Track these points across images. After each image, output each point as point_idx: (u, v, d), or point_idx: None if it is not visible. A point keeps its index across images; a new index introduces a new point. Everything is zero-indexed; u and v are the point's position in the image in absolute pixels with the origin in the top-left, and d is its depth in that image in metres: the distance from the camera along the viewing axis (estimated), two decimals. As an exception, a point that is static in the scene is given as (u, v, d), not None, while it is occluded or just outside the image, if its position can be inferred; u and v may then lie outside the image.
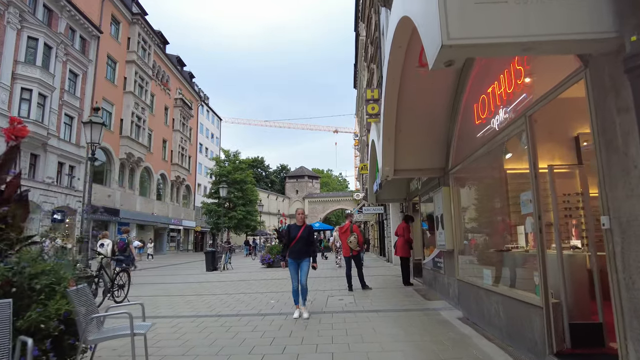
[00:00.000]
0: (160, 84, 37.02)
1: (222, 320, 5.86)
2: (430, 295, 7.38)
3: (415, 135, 6.18)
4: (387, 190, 10.44)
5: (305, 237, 6.05)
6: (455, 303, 6.15)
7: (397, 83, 5.33)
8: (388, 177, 6.66)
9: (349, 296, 7.62)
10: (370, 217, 28.08)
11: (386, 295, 7.64)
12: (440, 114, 5.97)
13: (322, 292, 8.38)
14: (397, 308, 6.27)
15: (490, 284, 4.61)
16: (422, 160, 6.52)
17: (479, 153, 5.21)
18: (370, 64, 22.48)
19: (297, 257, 6.02)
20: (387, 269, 13.83)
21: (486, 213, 5.60)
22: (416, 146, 6.35)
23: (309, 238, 6.10)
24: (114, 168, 28.77)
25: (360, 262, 8.56)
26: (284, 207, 69.27)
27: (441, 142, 6.27)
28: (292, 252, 6.03)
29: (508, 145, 4.63)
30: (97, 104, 17.27)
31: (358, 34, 31.11)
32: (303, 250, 6.02)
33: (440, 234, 6.46)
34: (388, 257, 17.60)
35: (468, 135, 5.66)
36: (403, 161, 6.43)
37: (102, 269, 7.26)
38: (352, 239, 8.30)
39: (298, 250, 6.00)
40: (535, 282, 3.40)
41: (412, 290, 8.23)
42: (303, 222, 6.21)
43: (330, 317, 5.80)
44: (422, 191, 8.58)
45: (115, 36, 29.50)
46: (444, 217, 6.22)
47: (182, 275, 14.04)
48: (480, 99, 5.02)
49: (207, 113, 52.37)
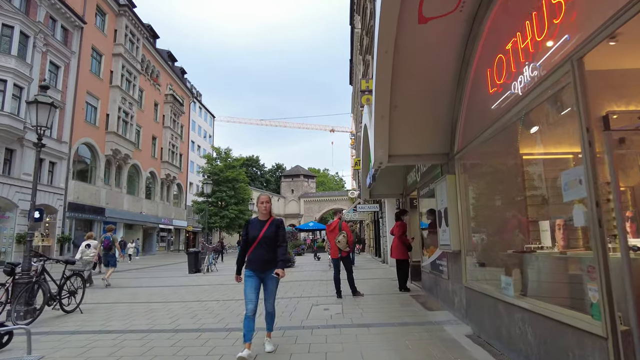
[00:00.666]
0: (150, 79, 35.81)
1: (177, 337, 4.77)
2: (430, 304, 6.33)
3: (413, 111, 5.12)
4: (382, 183, 9.38)
5: (271, 236, 4.02)
6: (462, 315, 5.09)
7: (392, 45, 4.27)
8: (382, 165, 5.60)
9: (337, 305, 6.55)
10: (366, 216, 27.02)
11: (380, 304, 6.57)
12: (444, 84, 4.91)
13: (306, 299, 7.31)
14: (392, 322, 5.20)
15: (513, 295, 3.55)
16: (421, 144, 5.46)
17: (493, 129, 4.17)
18: (366, 56, 21.50)
19: (259, 267, 3.96)
20: (382, 271, 12.77)
21: (502, 205, 4.56)
22: (415, 125, 5.29)
23: (277, 238, 4.07)
24: (99, 165, 27.57)
25: (350, 264, 7.48)
26: (279, 207, 68.14)
27: (445, 121, 5.21)
28: (252, 261, 3.99)
29: (535, 115, 3.58)
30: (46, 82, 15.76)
31: (353, 27, 30.08)
32: (268, 257, 3.99)
33: (444, 232, 5.41)
34: (383, 258, 16.55)
35: (479, 109, 4.61)
36: (399, 144, 5.37)
37: (43, 273, 6.14)
38: (341, 238, 7.24)
39: (260, 257, 3.97)
40: (592, 298, 2.34)
41: (409, 297, 7.17)
42: (269, 215, 4.18)
43: (310, 334, 4.73)
44: (420, 184, 7.52)
45: (101, 28, 28.29)
46: (448, 211, 5.16)
47: (161, 278, 12.93)
48: (496, 61, 3.97)
49: (200, 110, 51.18)
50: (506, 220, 4.46)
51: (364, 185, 10.05)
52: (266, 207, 4.15)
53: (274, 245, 4.06)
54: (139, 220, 32.22)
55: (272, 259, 4.02)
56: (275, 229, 4.10)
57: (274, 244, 4.06)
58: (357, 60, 29.80)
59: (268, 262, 4.00)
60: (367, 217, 26.52)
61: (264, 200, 4.18)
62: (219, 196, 36.28)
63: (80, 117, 25.23)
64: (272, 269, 3.96)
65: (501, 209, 4.59)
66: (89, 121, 26.43)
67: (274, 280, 4.03)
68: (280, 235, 4.14)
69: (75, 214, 24.53)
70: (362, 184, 10.13)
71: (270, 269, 3.97)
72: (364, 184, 10.03)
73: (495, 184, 4.75)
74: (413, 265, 8.95)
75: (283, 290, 8.51)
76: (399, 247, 7.90)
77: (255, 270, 3.99)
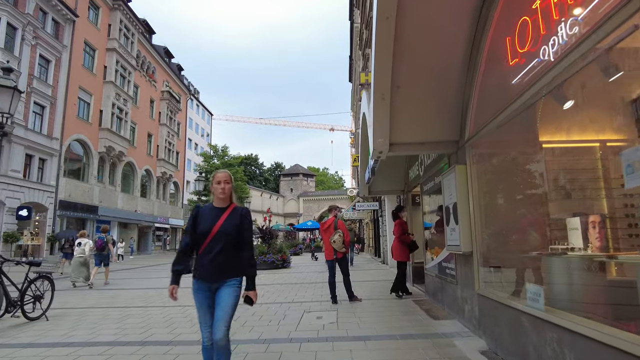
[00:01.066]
0: (146, 75, 35.13)
1: (142, 352, 4.10)
2: (436, 311, 5.66)
3: (418, 91, 4.45)
4: (381, 179, 8.71)
5: (231, 232, 2.74)
6: (473, 326, 4.42)
7: (393, 10, 3.60)
8: (381, 155, 4.92)
9: (331, 312, 5.88)
10: (365, 215, 26.36)
11: (379, 311, 5.91)
12: (454, 59, 4.24)
13: (298, 304, 6.64)
14: (393, 333, 4.52)
15: (543, 308, 2.88)
16: (427, 130, 4.79)
17: (513, 108, 3.51)
18: (365, 50, 20.88)
19: (211, 276, 2.71)
20: (381, 272, 12.11)
21: (522, 199, 3.90)
22: (420, 108, 4.61)
23: (239, 234, 2.78)
24: (92, 162, 26.89)
25: (346, 266, 6.79)
26: (278, 206, 67.51)
27: (455, 102, 4.54)
28: (201, 268, 2.72)
29: (569, 87, 2.91)
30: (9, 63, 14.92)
31: (353, 22, 29.46)
32: (225, 262, 2.72)
33: (452, 231, 4.74)
34: (383, 259, 15.90)
35: (495, 86, 3.95)
36: (402, 131, 4.69)
37: (1, 276, 5.47)
38: (336, 238, 6.56)
39: (213, 260, 2.69)
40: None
41: (412, 303, 6.50)
42: (229, 201, 2.86)
43: (297, 350, 4.05)
44: (424, 178, 6.84)
45: (94, 22, 27.60)
46: (458, 207, 4.49)
47: (149, 280, 12.26)
48: (519, 25, 3.31)
49: (197, 108, 50.49)
50: (527, 217, 3.80)
51: (362, 181, 9.38)
52: (224, 190, 2.76)
53: (234, 246, 2.73)
54: (133, 219, 31.54)
55: (230, 265, 2.71)
56: (239, 222, 2.76)
57: (235, 243, 2.74)
58: (356, 56, 29.15)
59: (224, 269, 2.69)
60: (367, 215, 25.87)
61: (221, 178, 2.77)
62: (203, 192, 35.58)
63: (72, 112, 24.55)
64: (231, 280, 2.71)
65: (521, 203, 3.93)
66: (81, 117, 25.76)
67: (231, 293, 2.67)
68: (244, 232, 2.79)
69: (67, 213, 23.85)
70: (361, 180, 9.47)
71: (228, 278, 2.71)
72: (362, 180, 9.37)
73: (513, 175, 4.09)
74: (416, 266, 8.29)
75: (273, 295, 7.84)
76: (397, 248, 7.24)
77: (206, 281, 2.69)
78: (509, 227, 4.13)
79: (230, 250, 2.72)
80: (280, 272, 13.33)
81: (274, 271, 13.65)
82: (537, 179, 3.73)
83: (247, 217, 2.87)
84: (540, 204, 3.64)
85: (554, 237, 3.49)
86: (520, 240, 3.94)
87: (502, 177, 4.39)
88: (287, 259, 15.24)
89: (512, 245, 4.05)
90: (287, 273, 12.80)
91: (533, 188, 3.80)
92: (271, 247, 14.94)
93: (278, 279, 10.87)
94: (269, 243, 15.05)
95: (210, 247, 2.69)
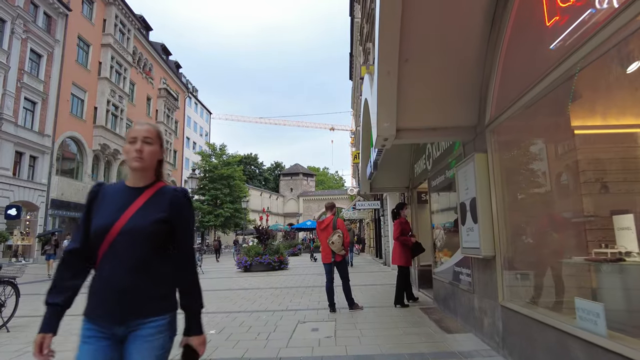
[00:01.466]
0: (142, 72, 34.46)
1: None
2: (448, 323, 4.98)
3: (430, 66, 3.77)
4: (384, 174, 8.03)
5: (151, 231, 1.47)
6: (495, 344, 3.74)
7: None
8: (387, 143, 4.24)
9: (329, 322, 5.20)
10: (366, 214, 25.67)
11: (383, 322, 5.22)
12: (473, 22, 3.57)
13: (292, 313, 5.95)
14: (401, 352, 3.83)
15: (603, 333, 2.20)
16: (440, 113, 4.11)
17: (548, 82, 2.83)
18: (366, 44, 20.23)
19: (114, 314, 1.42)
20: (384, 275, 11.42)
21: (558, 192, 3.23)
22: (432, 87, 3.93)
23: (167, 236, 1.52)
24: (87, 160, 26.23)
25: (346, 270, 6.08)
26: (278, 206, 66.87)
27: (473, 80, 3.87)
28: (96, 296, 1.45)
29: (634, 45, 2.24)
30: None
31: (353, 18, 28.80)
32: (136, 285, 1.43)
33: (469, 231, 4.06)
34: (385, 260, 15.22)
35: (526, 55, 3.27)
36: (410, 114, 4.01)
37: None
38: (336, 239, 5.86)
39: (116, 284, 1.42)
40: None
41: (419, 311, 5.81)
42: (153, 177, 1.60)
43: (285, 374, 3.38)
44: (432, 172, 6.16)
45: (88, 16, 26.92)
46: (478, 202, 3.81)
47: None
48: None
49: (196, 106, 49.83)
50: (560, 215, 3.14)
51: (363, 178, 8.70)
52: (143, 154, 1.52)
53: (158, 257, 1.51)
54: (129, 219, 30.82)
55: (147, 292, 1.46)
56: (166, 215, 1.52)
57: (159, 251, 1.51)
58: (357, 52, 28.47)
59: (137, 300, 1.44)
60: (367, 215, 25.19)
61: (138, 134, 1.54)
62: (213, 194, 35.00)
63: (65, 109, 23.88)
64: (151, 320, 1.45)
65: (556, 197, 3.26)
66: (74, 114, 25.09)
67: (150, 351, 1.43)
68: (179, 233, 1.56)
69: (59, 212, 23.19)
70: (362, 177, 8.78)
71: (144, 317, 1.45)
72: (363, 177, 8.69)
73: (543, 165, 3.41)
74: (422, 270, 7.61)
75: (266, 301, 7.17)
76: (397, 251, 6.33)
77: (104, 322, 1.44)
78: (539, 226, 3.46)
79: (148, 265, 1.47)
80: (277, 274, 12.66)
81: (270, 273, 12.98)
82: (572, 169, 3.08)
83: (184, 205, 1.59)
84: (577, 199, 2.98)
85: (596, 238, 2.84)
86: (554, 242, 3.27)
87: (530, 168, 3.72)
88: (285, 260, 14.57)
89: (544, 248, 3.38)
90: (284, 275, 12.13)
91: (570, 180, 3.14)
92: (267, 247, 14.26)
93: (273, 282, 10.19)
94: (266, 244, 14.37)
95: (110, 259, 1.44)
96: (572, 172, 3.09)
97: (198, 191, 35.67)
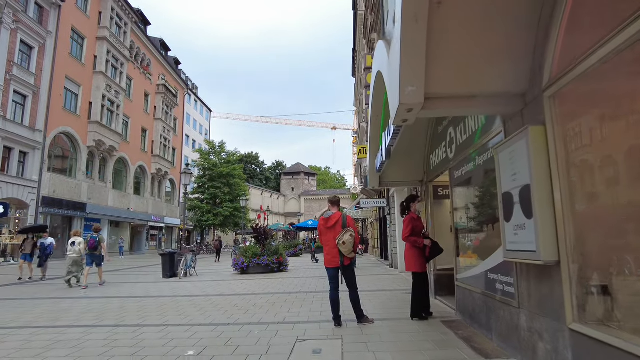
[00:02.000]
0: (140, 67, 33.63)
1: None
2: (481, 342, 4.04)
3: (470, 11, 2.84)
4: (395, 166, 7.09)
5: None
6: (559, 379, 2.80)
7: None
8: (410, 116, 3.30)
9: (334, 341, 4.26)
10: (369, 214, 24.71)
11: (401, 340, 4.28)
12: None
13: (290, 326, 5.01)
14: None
15: None
16: (480, 76, 3.17)
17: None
18: (371, 35, 19.31)
19: None
20: (392, 279, 10.48)
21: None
22: (471, 40, 2.99)
23: None
24: (81, 157, 25.40)
25: (353, 277, 5.09)
26: (279, 205, 65.99)
27: (525, 27, 2.93)
28: None
29: None
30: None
31: (357, 11, 27.86)
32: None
33: (519, 229, 3.12)
34: (391, 262, 14.28)
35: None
36: (442, 77, 3.08)
37: None
38: (347, 238, 4.84)
39: None
40: None
41: (442, 326, 4.86)
42: None
43: None
44: (455, 162, 5.19)
45: (83, 8, 26.09)
46: (533, 191, 2.88)
47: (125, 285, 10.69)
48: None
49: (195, 103, 48.98)
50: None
51: (372, 171, 7.77)
52: None
53: None
54: (125, 217, 30.01)
55: None
56: None
57: None
58: (360, 47, 27.53)
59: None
60: (371, 214, 24.23)
61: None
62: (212, 192, 34.12)
63: (57, 103, 23.05)
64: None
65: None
66: (68, 109, 24.26)
67: None
68: None
69: (51, 210, 22.33)
70: (370, 170, 7.84)
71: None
72: (372, 170, 7.76)
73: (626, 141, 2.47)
74: (440, 274, 6.67)
75: (260, 311, 6.25)
76: (409, 254, 5.29)
77: None
78: (624, 222, 2.52)
79: None
80: (275, 276, 11.72)
81: (268, 276, 12.05)
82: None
83: None
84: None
85: None
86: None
87: (610, 144, 2.78)
88: (284, 261, 13.64)
89: (632, 253, 2.44)
90: (283, 278, 11.19)
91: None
92: (266, 248, 13.34)
93: (270, 287, 9.26)
94: (264, 244, 13.45)
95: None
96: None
97: (197, 190, 34.81)
